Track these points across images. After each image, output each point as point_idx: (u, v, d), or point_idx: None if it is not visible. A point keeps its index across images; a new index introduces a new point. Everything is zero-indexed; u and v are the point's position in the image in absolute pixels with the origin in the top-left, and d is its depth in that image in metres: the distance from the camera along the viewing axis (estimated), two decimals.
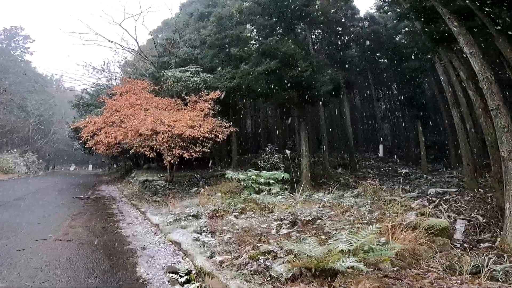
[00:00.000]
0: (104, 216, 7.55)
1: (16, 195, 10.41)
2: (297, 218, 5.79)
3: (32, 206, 8.23)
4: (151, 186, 11.88)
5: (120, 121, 9.90)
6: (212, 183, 12.49)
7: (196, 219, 7.12)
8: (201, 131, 9.78)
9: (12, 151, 25.63)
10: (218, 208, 7.43)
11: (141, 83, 12.80)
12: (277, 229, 5.35)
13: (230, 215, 7.15)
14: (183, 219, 7.17)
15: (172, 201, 10.14)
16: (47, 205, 8.64)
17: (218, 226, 6.11)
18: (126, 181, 18.53)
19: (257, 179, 9.19)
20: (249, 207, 7.60)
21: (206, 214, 7.31)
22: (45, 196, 10.79)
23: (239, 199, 8.11)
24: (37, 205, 8.54)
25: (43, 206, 8.30)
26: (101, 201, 10.50)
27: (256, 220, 6.30)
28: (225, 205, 7.76)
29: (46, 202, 9.23)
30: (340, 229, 4.91)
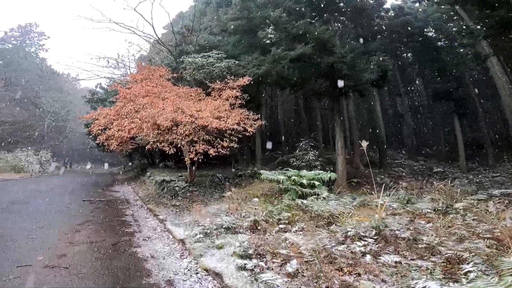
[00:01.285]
0: (116, 226, 6.13)
1: (18, 197, 9.26)
2: (384, 234, 4.12)
3: (31, 212, 6.96)
4: (170, 187, 10.48)
5: (135, 112, 8.51)
6: (238, 184, 10.96)
7: (231, 233, 5.63)
8: (229, 123, 8.24)
9: (25, 149, 25.12)
10: (258, 219, 5.87)
11: (158, 69, 11.44)
12: (363, 252, 3.70)
13: (275, 227, 5.61)
14: (214, 233, 5.69)
15: (195, 206, 8.69)
16: (49, 210, 7.36)
17: (267, 245, 4.54)
18: (141, 181, 17.36)
19: (299, 180, 7.56)
20: (296, 216, 6.03)
21: (244, 226, 5.78)
22: (51, 198, 9.59)
23: (281, 206, 6.53)
24: (37, 210, 7.27)
25: (43, 213, 7.01)
26: (114, 204, 9.18)
27: (319, 236, 4.67)
28: (266, 213, 6.20)
29: (49, 206, 7.97)
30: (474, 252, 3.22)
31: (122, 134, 8.33)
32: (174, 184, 10.29)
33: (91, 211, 7.65)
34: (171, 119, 7.64)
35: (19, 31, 37.04)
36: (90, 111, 19.35)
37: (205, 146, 8.16)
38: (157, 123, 7.72)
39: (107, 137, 9.11)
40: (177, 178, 12.09)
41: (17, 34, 36.99)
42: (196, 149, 8.15)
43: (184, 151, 9.18)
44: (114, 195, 11.72)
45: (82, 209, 7.96)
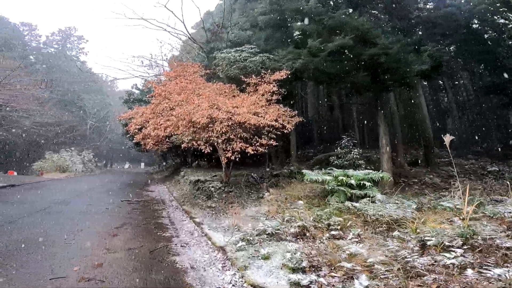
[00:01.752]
0: (153, 230, 5.86)
1: (61, 197, 9.54)
2: (474, 243, 3.31)
3: (72, 213, 6.98)
4: (204, 188, 10.18)
5: (170, 109, 8.29)
6: (275, 185, 10.37)
7: (276, 240, 5.08)
8: (267, 119, 7.68)
9: (69, 149, 26.79)
10: (306, 224, 5.25)
11: (191, 66, 11.26)
12: (459, 265, 2.93)
13: (325, 234, 4.98)
14: (256, 240, 5.17)
15: (232, 208, 8.26)
16: (89, 211, 7.37)
17: (321, 255, 3.90)
18: (175, 180, 17.52)
19: (347, 181, 6.78)
20: (348, 221, 5.31)
21: (289, 232, 5.20)
22: (92, 198, 9.78)
23: (330, 209, 5.83)
24: (78, 211, 7.30)
25: (83, 213, 7.00)
26: (150, 205, 9.08)
27: (386, 245, 3.96)
28: (314, 218, 5.56)
29: (89, 206, 8.04)
30: None
31: (158, 132, 8.15)
32: (209, 185, 9.97)
33: (128, 212, 7.54)
34: (207, 115, 7.27)
35: (59, 35, 39.72)
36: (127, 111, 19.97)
37: (242, 144, 7.69)
38: (192, 120, 7.41)
39: (143, 136, 9.03)
40: (212, 178, 11.82)
41: (58, 38, 39.70)
42: (233, 148, 7.71)
43: (219, 150, 8.79)
44: (150, 195, 11.76)
45: (120, 209, 7.90)
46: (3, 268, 3.30)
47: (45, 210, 7.12)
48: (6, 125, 19.01)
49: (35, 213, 6.67)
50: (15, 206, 7.40)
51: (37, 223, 5.63)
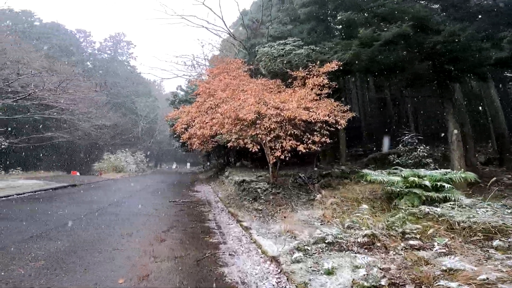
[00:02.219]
0: (199, 235, 5.56)
1: (115, 198, 9.94)
2: None
3: (123, 215, 7.08)
4: (250, 189, 9.77)
5: (215, 106, 8.03)
6: (326, 185, 9.54)
7: (338, 250, 4.37)
8: (319, 114, 6.93)
9: (124, 150, 28.80)
10: (375, 232, 4.46)
11: (234, 61, 10.93)
12: None
13: (400, 243, 4.14)
14: (314, 249, 4.53)
15: (280, 211, 7.69)
16: (139, 213, 7.44)
17: (403, 270, 3.13)
18: (220, 180, 17.58)
19: (419, 182, 5.74)
20: (429, 228, 4.39)
21: (355, 242, 4.46)
22: (143, 199, 10.05)
23: (402, 215, 4.93)
24: (129, 212, 7.41)
25: (134, 215, 7.06)
26: (196, 207, 8.95)
27: (494, 257, 3.05)
28: (384, 224, 4.74)
29: (140, 208, 8.16)
30: None
31: (204, 131, 7.95)
32: (255, 186, 9.53)
33: (175, 214, 7.43)
34: (254, 110, 6.80)
35: (111, 41, 43.09)
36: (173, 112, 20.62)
37: (292, 142, 7.09)
38: (239, 117, 7.01)
39: (189, 136, 8.94)
40: (257, 179, 11.41)
41: (110, 44, 43.11)
42: (282, 146, 7.13)
43: (266, 149, 8.28)
44: (196, 196, 11.76)
45: (168, 211, 7.86)
46: (46, 278, 3.15)
47: (100, 211, 7.33)
48: (68, 128, 21.12)
49: (90, 214, 6.86)
50: (73, 207, 7.77)
51: (90, 226, 5.69)
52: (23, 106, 17.02)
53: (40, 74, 13.67)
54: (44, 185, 11.96)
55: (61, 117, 18.73)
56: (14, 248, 4.09)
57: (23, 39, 22.77)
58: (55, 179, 14.52)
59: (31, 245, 4.26)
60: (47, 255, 3.83)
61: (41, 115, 17.56)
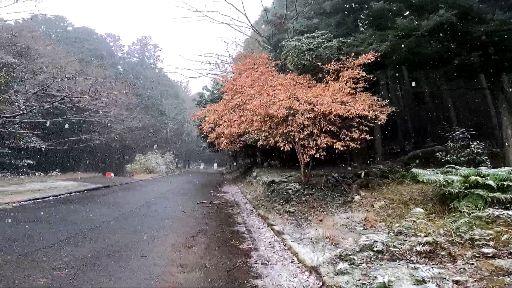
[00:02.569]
0: (229, 240, 5.22)
1: (145, 199, 10.00)
2: None
3: (152, 217, 6.98)
4: (281, 190, 9.29)
5: (243, 103, 7.68)
6: (364, 186, 8.80)
7: (390, 259, 3.84)
8: (357, 109, 6.30)
9: (154, 151, 29.58)
10: (438, 239, 3.82)
11: (261, 56, 10.52)
12: None
13: (469, 251, 3.52)
14: (359, 258, 3.99)
15: (315, 214, 7.15)
16: (168, 216, 7.31)
17: (484, 285, 2.54)
18: (247, 181, 17.30)
19: (483, 181, 4.96)
20: (503, 234, 3.68)
21: (412, 250, 3.86)
22: (171, 201, 9.99)
23: (467, 219, 4.23)
24: (157, 215, 7.32)
25: (162, 218, 6.93)
26: (224, 209, 8.67)
27: None
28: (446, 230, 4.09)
29: (169, 209, 8.06)
30: None
31: (232, 130, 7.63)
32: (286, 186, 9.03)
33: (204, 217, 7.18)
34: (286, 106, 6.33)
35: (138, 44, 44.53)
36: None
37: (328, 140, 6.53)
38: (269, 113, 6.58)
39: (217, 135, 8.69)
40: (287, 179, 10.91)
41: (138, 47, 44.57)
42: (317, 144, 6.59)
43: (297, 147, 7.77)
44: (224, 197, 11.53)
45: (196, 213, 7.64)
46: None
47: (129, 213, 7.28)
48: (102, 131, 22.08)
49: (120, 217, 6.81)
50: (103, 209, 7.81)
51: (118, 230, 5.58)
52: (59, 109, 17.95)
53: (74, 78, 14.24)
54: (79, 186, 12.39)
55: (95, 119, 19.58)
56: (41, 253, 4.00)
57: (57, 43, 24.14)
58: (90, 181, 15.09)
59: (57, 251, 4.16)
60: (72, 263, 3.67)
61: (76, 118, 18.44)
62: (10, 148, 15.41)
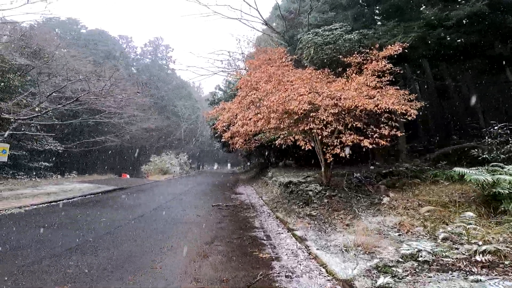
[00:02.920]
0: (247, 248, 4.78)
1: (159, 201, 9.73)
2: None
3: (165, 222, 6.67)
4: (300, 191, 8.77)
5: (259, 100, 7.22)
6: (391, 186, 8.15)
7: (440, 270, 3.32)
8: (386, 103, 5.71)
9: (168, 152, 29.60)
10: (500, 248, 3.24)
11: (276, 50, 10.00)
12: None
13: None
14: (402, 269, 3.46)
15: (339, 217, 6.60)
16: (181, 220, 6.97)
17: None
18: (262, 181, 16.84)
19: None
20: None
21: (468, 260, 3.28)
22: (185, 203, 9.67)
23: None
24: (171, 219, 7.00)
25: (176, 223, 6.60)
26: (240, 211, 8.24)
27: None
28: None
29: (182, 214, 7.71)
30: None
31: (248, 128, 7.18)
32: (306, 187, 8.51)
33: (219, 221, 6.77)
34: (308, 101, 5.82)
35: (150, 45, 44.84)
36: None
37: (354, 137, 5.97)
38: (289, 109, 6.08)
39: (231, 135, 8.27)
40: (305, 179, 10.37)
41: (150, 48, 44.89)
42: (341, 141, 6.04)
43: (317, 147, 7.22)
44: (239, 199, 11.11)
45: (211, 217, 7.26)
46: None
47: (142, 218, 6.98)
48: (117, 132, 22.21)
49: (132, 221, 6.51)
50: (116, 213, 7.56)
51: (129, 236, 5.25)
52: (75, 111, 18.08)
53: (88, 79, 14.22)
54: (94, 188, 12.31)
55: (109, 121, 19.66)
56: (46, 262, 3.70)
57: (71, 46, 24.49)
58: (106, 182, 15.05)
59: (64, 260, 3.85)
60: (77, 275, 3.33)
61: (91, 120, 18.55)
62: (27, 151, 15.65)
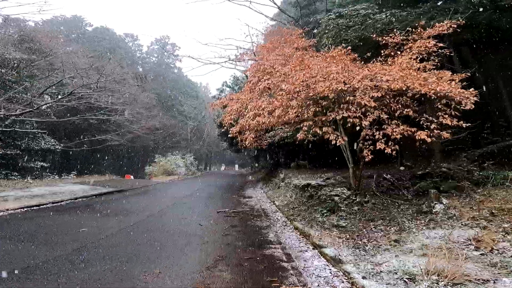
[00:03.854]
0: (262, 274, 3.55)
1: (158, 206, 8.60)
2: None
3: (160, 234, 5.47)
4: (322, 196, 7.42)
5: (275, 86, 5.94)
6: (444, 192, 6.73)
7: None
8: (444, 87, 4.36)
9: (174, 153, 28.57)
10: None
11: (293, 32, 8.66)
12: None
13: None
14: None
15: (378, 228, 5.25)
16: (181, 230, 5.81)
17: None
18: (273, 183, 15.52)
19: None
20: None
21: None
22: (187, 209, 8.48)
23: None
24: (167, 231, 5.80)
25: (172, 236, 5.39)
26: (250, 220, 6.97)
27: None
28: None
29: (181, 223, 6.51)
30: None
31: (261, 120, 5.89)
32: (329, 191, 7.16)
33: (225, 233, 5.50)
34: (341, 80, 4.49)
35: (157, 44, 44.01)
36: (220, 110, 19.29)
37: (404, 128, 4.62)
38: (314, 94, 4.76)
39: (240, 129, 7.01)
40: (325, 182, 9.00)
41: (156, 47, 44.06)
42: (386, 134, 4.70)
43: (344, 146, 5.86)
44: (248, 203, 9.83)
45: (216, 228, 6.01)
46: None
47: (132, 227, 5.80)
48: (119, 130, 21.19)
49: (119, 233, 5.33)
50: (102, 220, 6.39)
51: (104, 255, 4.04)
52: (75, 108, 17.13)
53: (87, 75, 13.20)
54: (89, 190, 11.23)
55: (110, 118, 18.64)
56: None
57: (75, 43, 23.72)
58: (105, 184, 13.99)
59: None
60: None
61: (93, 117, 17.47)
62: (22, 150, 14.72)
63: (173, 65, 43.73)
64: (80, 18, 33.41)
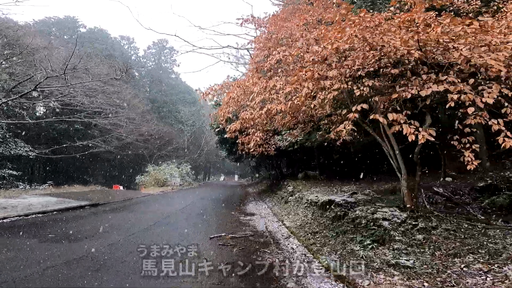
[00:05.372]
0: None
1: (133, 228, 6.66)
2: None
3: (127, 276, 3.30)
4: (358, 219, 5.35)
5: (293, 62, 4.02)
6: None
7: None
8: None
9: (170, 162, 26.50)
10: None
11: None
12: None
13: None
14: None
15: (470, 269, 3.21)
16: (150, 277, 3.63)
17: None
18: (278, 197, 13.45)
19: None
20: None
21: None
22: (171, 232, 6.48)
23: None
24: (119, 278, 3.64)
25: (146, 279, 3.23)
26: (256, 252, 4.93)
27: None
28: None
29: (154, 261, 4.26)
30: None
31: (273, 108, 3.95)
32: (370, 214, 5.10)
33: (219, 282, 3.45)
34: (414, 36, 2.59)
35: (154, 47, 42.56)
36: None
37: None
38: (386, 51, 2.83)
39: (242, 125, 5.06)
40: (353, 198, 6.95)
41: (154, 51, 42.59)
42: None
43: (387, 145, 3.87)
44: (250, 223, 7.74)
45: (203, 271, 3.87)
46: None
47: (80, 261, 3.73)
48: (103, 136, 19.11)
49: (44, 272, 3.26)
50: (43, 248, 4.41)
51: None
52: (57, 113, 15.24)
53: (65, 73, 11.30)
54: (55, 204, 9.19)
55: (93, 121, 16.61)
56: None
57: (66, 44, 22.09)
58: (81, 196, 11.93)
59: None
60: None
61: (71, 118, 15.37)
62: None
63: (170, 70, 42.17)
64: (73, 19, 32.03)
